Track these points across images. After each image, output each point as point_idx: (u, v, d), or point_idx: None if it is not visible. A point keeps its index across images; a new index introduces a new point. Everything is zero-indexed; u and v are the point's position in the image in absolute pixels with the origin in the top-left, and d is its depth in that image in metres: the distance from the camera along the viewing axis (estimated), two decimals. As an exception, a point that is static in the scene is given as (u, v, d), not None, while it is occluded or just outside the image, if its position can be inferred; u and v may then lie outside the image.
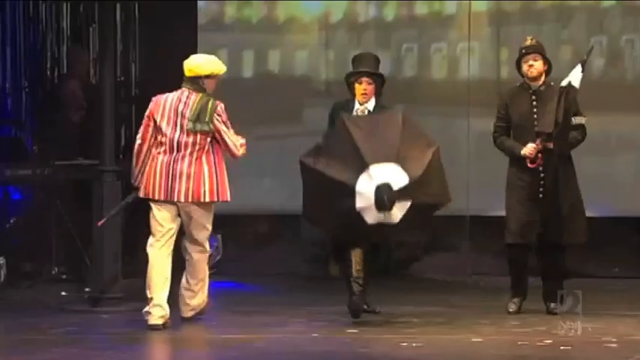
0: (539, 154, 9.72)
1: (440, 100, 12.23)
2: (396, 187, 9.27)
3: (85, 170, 11.57)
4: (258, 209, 12.29)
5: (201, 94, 9.49)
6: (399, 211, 9.37)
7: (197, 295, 9.70)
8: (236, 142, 9.62)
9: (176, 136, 9.39)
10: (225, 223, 12.05)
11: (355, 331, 9.28)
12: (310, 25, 12.58)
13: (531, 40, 10.20)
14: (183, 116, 9.48)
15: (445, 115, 12.03)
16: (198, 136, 9.34)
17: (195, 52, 11.85)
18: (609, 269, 12.06)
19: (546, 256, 10.04)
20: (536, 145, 9.72)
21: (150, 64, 12.62)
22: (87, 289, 10.76)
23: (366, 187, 9.30)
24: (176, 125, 9.44)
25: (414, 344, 8.76)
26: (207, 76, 9.68)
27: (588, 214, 10.07)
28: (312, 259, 12.01)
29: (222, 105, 9.53)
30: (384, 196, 9.24)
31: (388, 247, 10.77)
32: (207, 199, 9.54)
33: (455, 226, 11.59)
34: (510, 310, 10.03)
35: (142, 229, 9.95)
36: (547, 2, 12.44)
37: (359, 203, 9.31)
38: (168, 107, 9.49)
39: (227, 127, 9.57)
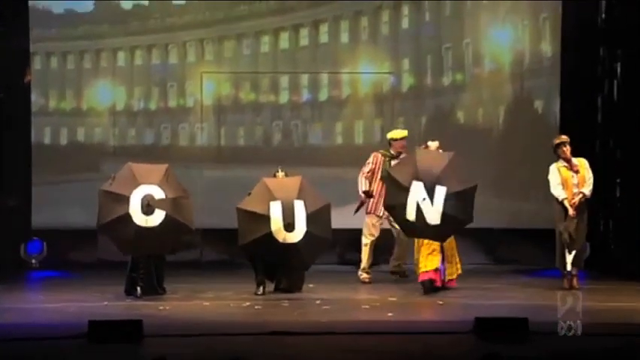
0: None
1: (186, 160, 11.98)
2: (156, 197, 9.16)
3: None
4: (70, 225, 11.87)
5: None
6: (158, 217, 9.15)
7: None
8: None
9: None
10: (50, 234, 11.99)
11: (130, 300, 9.30)
12: (103, 111, 12.31)
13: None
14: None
15: (188, 168, 11.73)
16: None
17: (29, 132, 12.12)
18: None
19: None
20: None
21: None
22: None
23: (136, 197, 9.15)
24: None
25: (167, 307, 8.82)
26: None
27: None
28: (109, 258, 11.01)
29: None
30: (146, 200, 9.12)
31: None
32: None
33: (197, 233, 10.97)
34: (258, 293, 9.57)
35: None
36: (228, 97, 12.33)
37: (130, 208, 9.11)
38: None
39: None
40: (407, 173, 9.16)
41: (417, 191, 9.03)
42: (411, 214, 9.05)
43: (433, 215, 9.02)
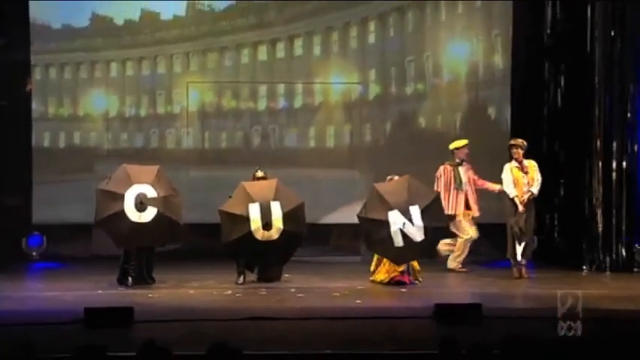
0: None
1: (173, 161, 11.68)
2: (149, 196, 9.19)
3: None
4: (68, 221, 11.69)
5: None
6: (150, 213, 9.18)
7: None
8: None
9: None
10: (49, 229, 11.86)
11: (122, 289, 9.26)
12: (98, 117, 12.14)
13: None
14: None
15: (175, 169, 11.37)
16: None
17: (30, 136, 11.99)
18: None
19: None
20: None
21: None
22: None
23: (130, 195, 9.16)
24: None
25: (156, 295, 8.85)
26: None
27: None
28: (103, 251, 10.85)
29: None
30: (139, 198, 9.15)
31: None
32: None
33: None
34: (239, 282, 9.47)
35: None
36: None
37: (125, 206, 9.16)
38: None
39: None
40: (380, 208, 9.13)
41: (395, 220, 9.03)
42: (398, 242, 9.04)
43: (417, 233, 9.05)
